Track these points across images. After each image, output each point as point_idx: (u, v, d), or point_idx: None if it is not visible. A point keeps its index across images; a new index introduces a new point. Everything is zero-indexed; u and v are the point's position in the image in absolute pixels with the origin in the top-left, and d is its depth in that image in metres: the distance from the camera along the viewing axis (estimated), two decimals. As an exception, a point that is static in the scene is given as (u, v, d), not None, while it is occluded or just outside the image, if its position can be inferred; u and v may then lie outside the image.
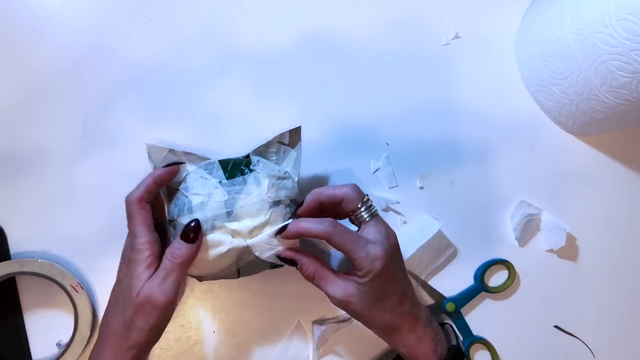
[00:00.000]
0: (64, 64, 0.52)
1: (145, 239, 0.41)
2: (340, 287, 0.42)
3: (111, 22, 0.53)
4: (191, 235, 0.41)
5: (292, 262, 0.43)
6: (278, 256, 0.43)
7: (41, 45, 0.52)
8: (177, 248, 0.41)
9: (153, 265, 0.40)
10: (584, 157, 0.56)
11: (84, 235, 0.51)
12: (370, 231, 0.42)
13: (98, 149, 0.52)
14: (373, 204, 0.43)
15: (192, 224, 0.41)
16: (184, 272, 0.41)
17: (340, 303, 0.42)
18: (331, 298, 0.42)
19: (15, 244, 0.50)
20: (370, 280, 0.40)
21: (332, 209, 0.44)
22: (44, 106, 0.51)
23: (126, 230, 0.42)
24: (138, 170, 0.51)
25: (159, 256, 0.41)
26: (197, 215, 0.42)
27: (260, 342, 0.52)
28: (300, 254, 0.43)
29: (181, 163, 0.45)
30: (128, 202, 0.42)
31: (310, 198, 0.43)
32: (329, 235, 0.40)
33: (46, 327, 0.50)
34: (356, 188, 0.43)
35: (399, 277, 0.42)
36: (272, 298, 0.52)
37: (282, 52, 0.54)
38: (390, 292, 0.42)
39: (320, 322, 0.52)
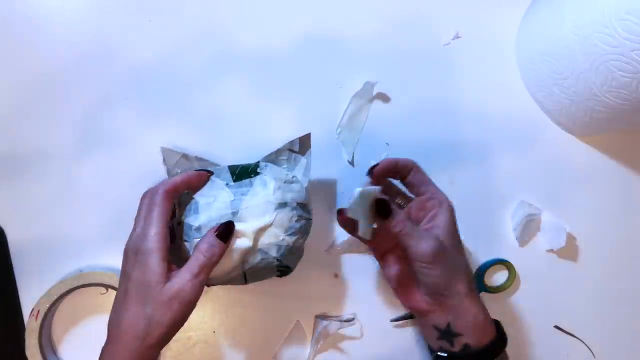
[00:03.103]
0: (64, 64, 0.52)
1: (161, 230, 0.39)
2: (429, 240, 0.41)
3: (111, 22, 0.53)
4: (226, 233, 0.40)
5: (384, 211, 0.41)
6: (376, 200, 0.41)
7: (41, 45, 0.52)
8: (212, 245, 0.39)
9: (165, 259, 0.38)
10: (584, 157, 0.56)
11: (84, 235, 0.51)
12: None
13: (98, 149, 0.52)
14: None
15: (229, 224, 0.41)
16: (211, 270, 0.40)
17: (430, 260, 0.41)
18: (420, 255, 0.40)
19: (15, 244, 0.50)
20: (446, 224, 0.43)
21: (395, 191, 0.49)
22: (44, 106, 0.51)
23: (126, 228, 0.42)
24: (138, 170, 0.51)
25: (167, 253, 0.39)
26: (203, 215, 0.42)
27: (260, 342, 0.52)
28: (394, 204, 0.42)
29: (210, 173, 0.45)
30: (154, 191, 0.40)
31: (387, 159, 0.45)
32: (416, 167, 0.45)
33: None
34: None
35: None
36: (272, 298, 0.52)
37: (282, 52, 0.54)
38: (460, 247, 0.44)
39: (323, 317, 0.52)
